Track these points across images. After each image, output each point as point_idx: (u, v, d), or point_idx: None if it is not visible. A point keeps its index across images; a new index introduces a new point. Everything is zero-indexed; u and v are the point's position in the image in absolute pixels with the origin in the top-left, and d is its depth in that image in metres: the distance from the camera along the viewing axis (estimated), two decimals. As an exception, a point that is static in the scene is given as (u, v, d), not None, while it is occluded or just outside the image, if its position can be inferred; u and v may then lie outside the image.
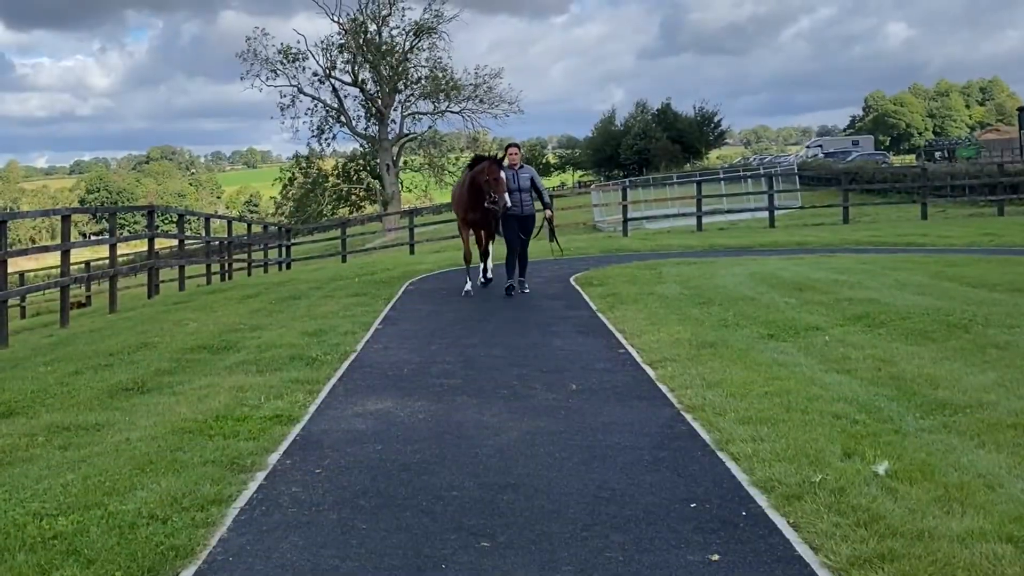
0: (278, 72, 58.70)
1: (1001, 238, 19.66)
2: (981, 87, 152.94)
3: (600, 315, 10.96)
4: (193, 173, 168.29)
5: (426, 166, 63.58)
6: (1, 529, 4.47)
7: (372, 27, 59.51)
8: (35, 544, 4.28)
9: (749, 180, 43.53)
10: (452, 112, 61.01)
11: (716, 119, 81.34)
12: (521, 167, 13.14)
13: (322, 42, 59.88)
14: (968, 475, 4.82)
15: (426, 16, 59.24)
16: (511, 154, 13.20)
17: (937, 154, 63.32)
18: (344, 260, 27.54)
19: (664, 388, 7.14)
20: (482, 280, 14.08)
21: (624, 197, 27.99)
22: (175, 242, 22.26)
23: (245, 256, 27.07)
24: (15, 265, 22.51)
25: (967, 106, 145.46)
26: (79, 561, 4.09)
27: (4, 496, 4.97)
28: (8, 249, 12.81)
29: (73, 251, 14.90)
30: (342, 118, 60.85)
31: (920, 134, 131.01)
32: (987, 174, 31.50)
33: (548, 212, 13.41)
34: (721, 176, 45.34)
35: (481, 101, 60.49)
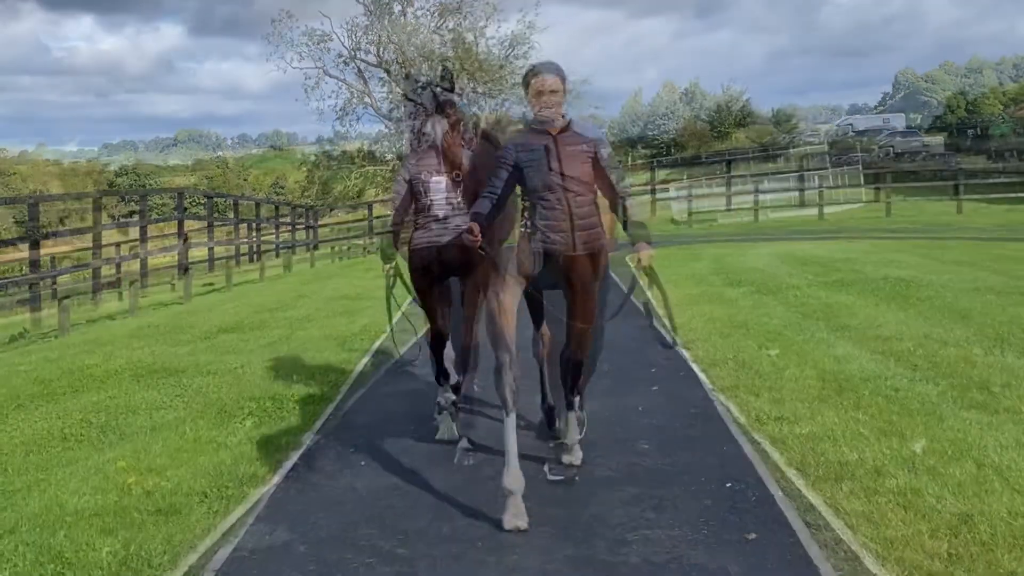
0: (302, 55, 58.71)
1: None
2: (1015, 63, 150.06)
3: (631, 295, 10.87)
4: (220, 155, 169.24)
5: (452, 147, 63.24)
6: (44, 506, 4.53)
7: (397, 7, 59.35)
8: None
9: (780, 160, 43.04)
10: (477, 92, 60.74)
11: (744, 98, 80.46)
12: (568, 124, 4.76)
13: (347, 23, 59.77)
14: (1008, 455, 4.75)
15: (451, -6, 58.92)
16: (542, 91, 4.65)
17: (970, 132, 62.25)
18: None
19: (697, 368, 7.09)
20: (452, 395, 5.85)
21: (652, 178, 27.76)
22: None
23: (273, 237, 27.20)
24: (44, 248, 22.69)
25: (1000, 83, 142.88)
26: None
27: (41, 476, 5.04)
28: (40, 232, 12.95)
29: (104, 233, 15.03)
30: (367, 99, 60.82)
31: (952, 111, 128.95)
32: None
33: (644, 249, 4.97)
34: (751, 156, 44.86)
35: (505, 80, 60.16)
